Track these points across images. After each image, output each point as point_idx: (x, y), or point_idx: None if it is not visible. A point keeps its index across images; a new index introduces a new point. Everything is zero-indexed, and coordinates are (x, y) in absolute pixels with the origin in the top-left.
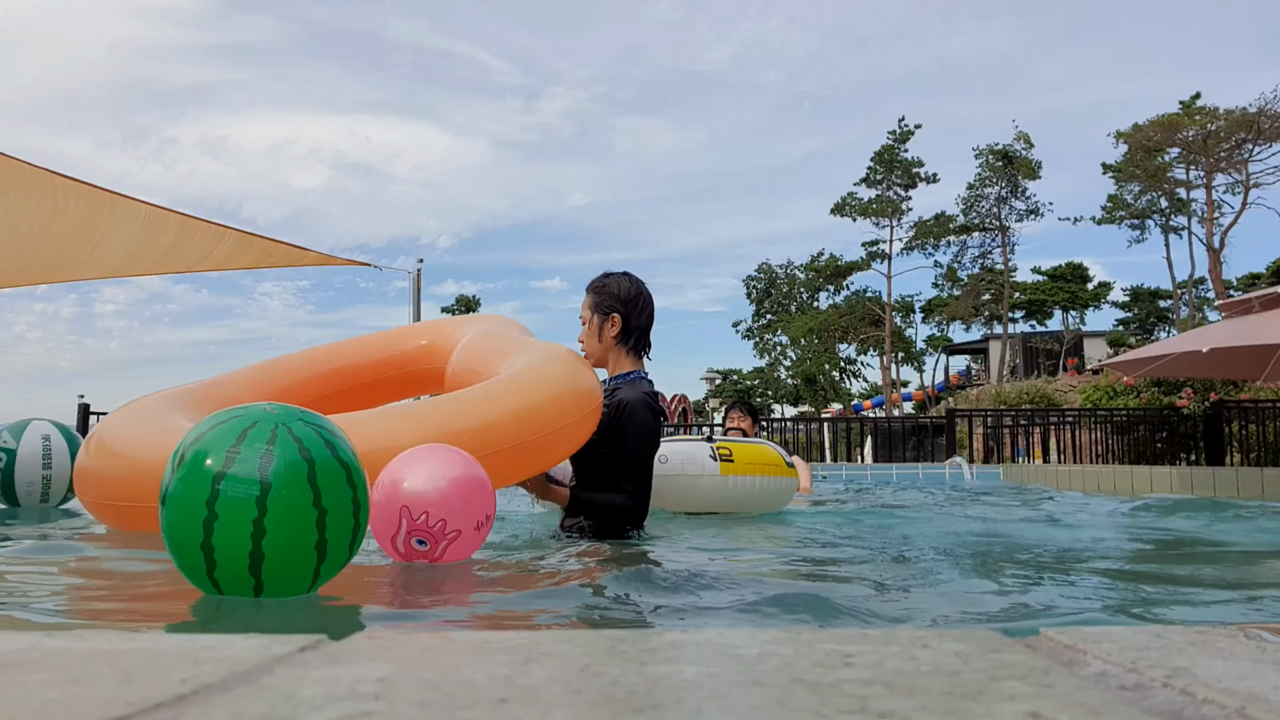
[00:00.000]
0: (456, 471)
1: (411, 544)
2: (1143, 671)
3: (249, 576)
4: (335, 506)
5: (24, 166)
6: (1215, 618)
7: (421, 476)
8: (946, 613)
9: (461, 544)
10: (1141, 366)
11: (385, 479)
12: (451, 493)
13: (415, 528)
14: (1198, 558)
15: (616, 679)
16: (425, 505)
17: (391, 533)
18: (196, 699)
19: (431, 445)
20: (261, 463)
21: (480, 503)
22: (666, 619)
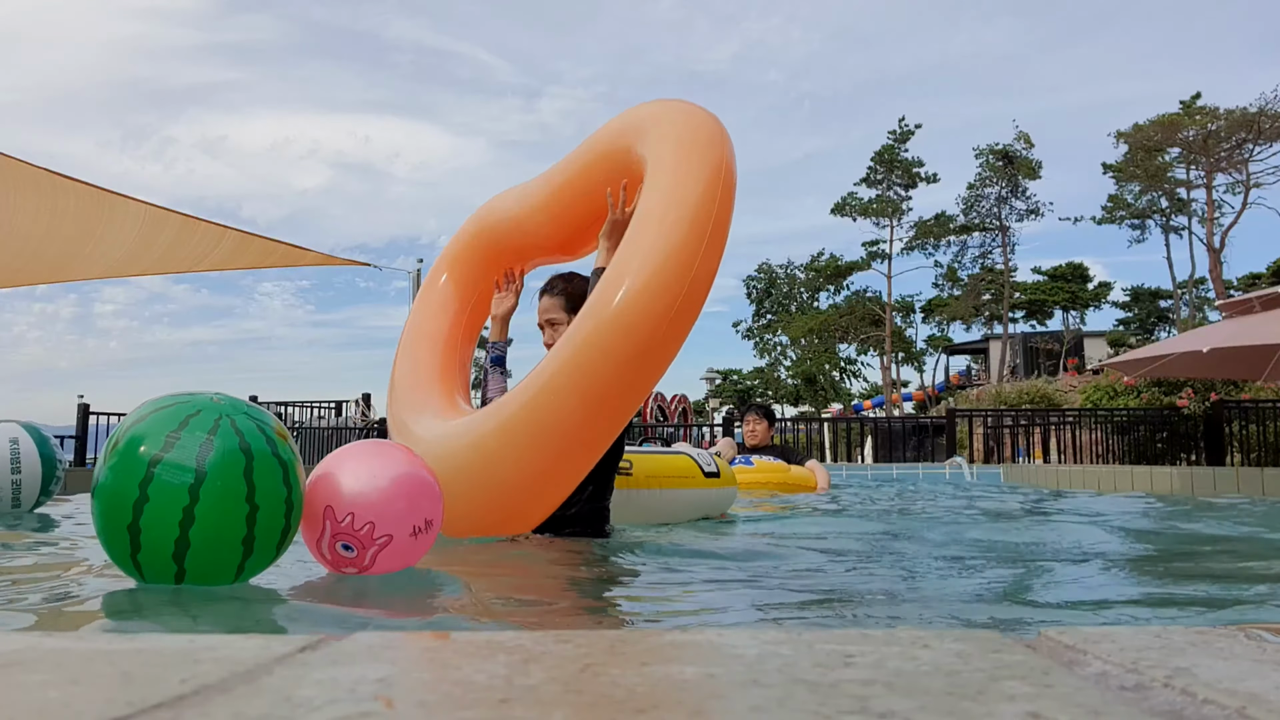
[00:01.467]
0: (392, 470)
1: (336, 549)
2: (1143, 672)
3: (172, 563)
4: (268, 503)
5: (24, 166)
6: (1215, 618)
7: (351, 473)
8: (947, 613)
9: (394, 552)
10: (1142, 366)
11: (313, 475)
12: (383, 493)
13: (340, 531)
14: (1198, 558)
15: (616, 679)
16: (351, 506)
17: (316, 535)
18: (196, 699)
19: (374, 441)
20: (200, 451)
21: (419, 506)
22: (666, 619)
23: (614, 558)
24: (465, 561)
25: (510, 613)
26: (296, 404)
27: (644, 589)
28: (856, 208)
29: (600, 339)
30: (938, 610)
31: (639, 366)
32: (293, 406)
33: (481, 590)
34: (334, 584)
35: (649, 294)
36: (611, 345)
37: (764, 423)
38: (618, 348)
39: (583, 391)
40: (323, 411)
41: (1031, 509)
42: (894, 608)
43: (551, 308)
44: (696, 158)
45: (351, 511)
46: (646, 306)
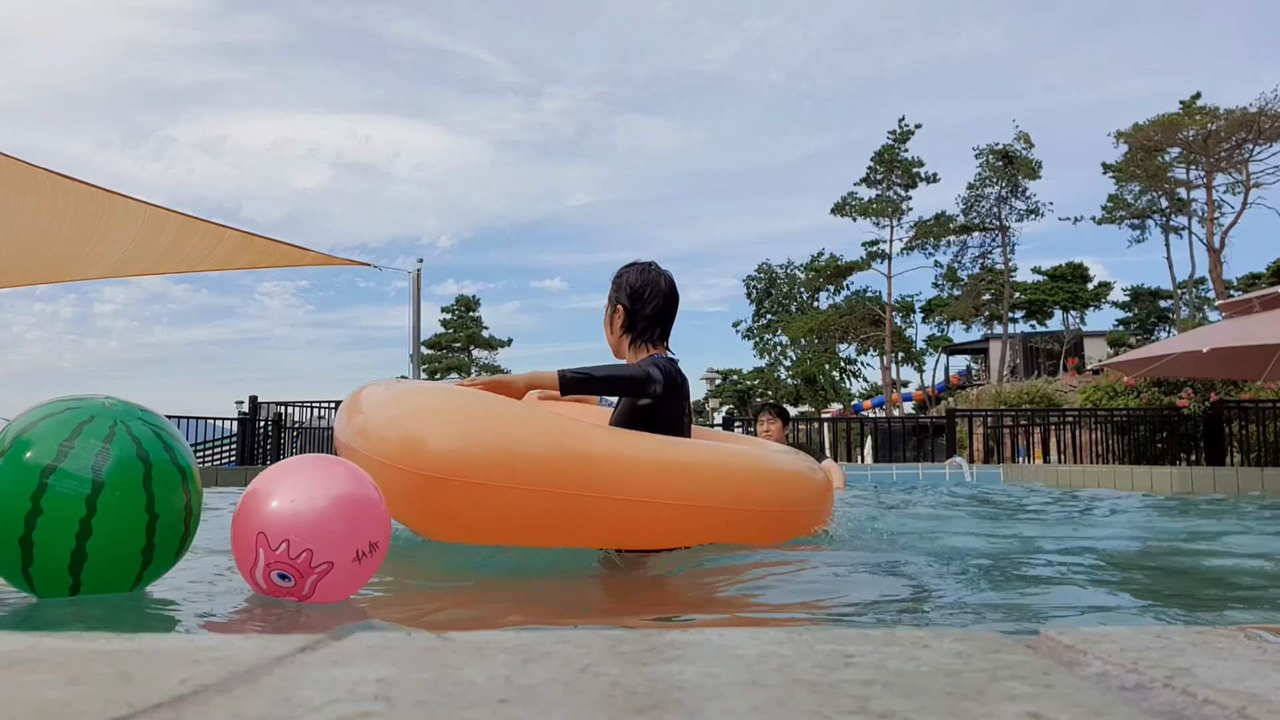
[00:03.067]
0: (331, 489)
1: (272, 578)
2: (1143, 672)
3: (67, 576)
4: (168, 512)
5: (24, 166)
6: (1215, 618)
7: (285, 495)
8: (947, 613)
9: (336, 580)
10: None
11: (245, 496)
12: (321, 515)
13: (275, 560)
14: (1197, 558)
15: (616, 679)
16: (286, 531)
17: (249, 564)
18: (196, 699)
19: (312, 456)
20: (96, 460)
21: (362, 528)
22: (666, 619)
23: (614, 558)
24: (465, 561)
25: (510, 613)
26: (296, 404)
27: (644, 589)
28: (856, 208)
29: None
30: (937, 610)
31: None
32: (293, 406)
33: (480, 590)
34: None
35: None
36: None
37: (778, 422)
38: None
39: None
40: (323, 411)
41: (1031, 509)
42: (894, 608)
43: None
44: None
45: (287, 538)
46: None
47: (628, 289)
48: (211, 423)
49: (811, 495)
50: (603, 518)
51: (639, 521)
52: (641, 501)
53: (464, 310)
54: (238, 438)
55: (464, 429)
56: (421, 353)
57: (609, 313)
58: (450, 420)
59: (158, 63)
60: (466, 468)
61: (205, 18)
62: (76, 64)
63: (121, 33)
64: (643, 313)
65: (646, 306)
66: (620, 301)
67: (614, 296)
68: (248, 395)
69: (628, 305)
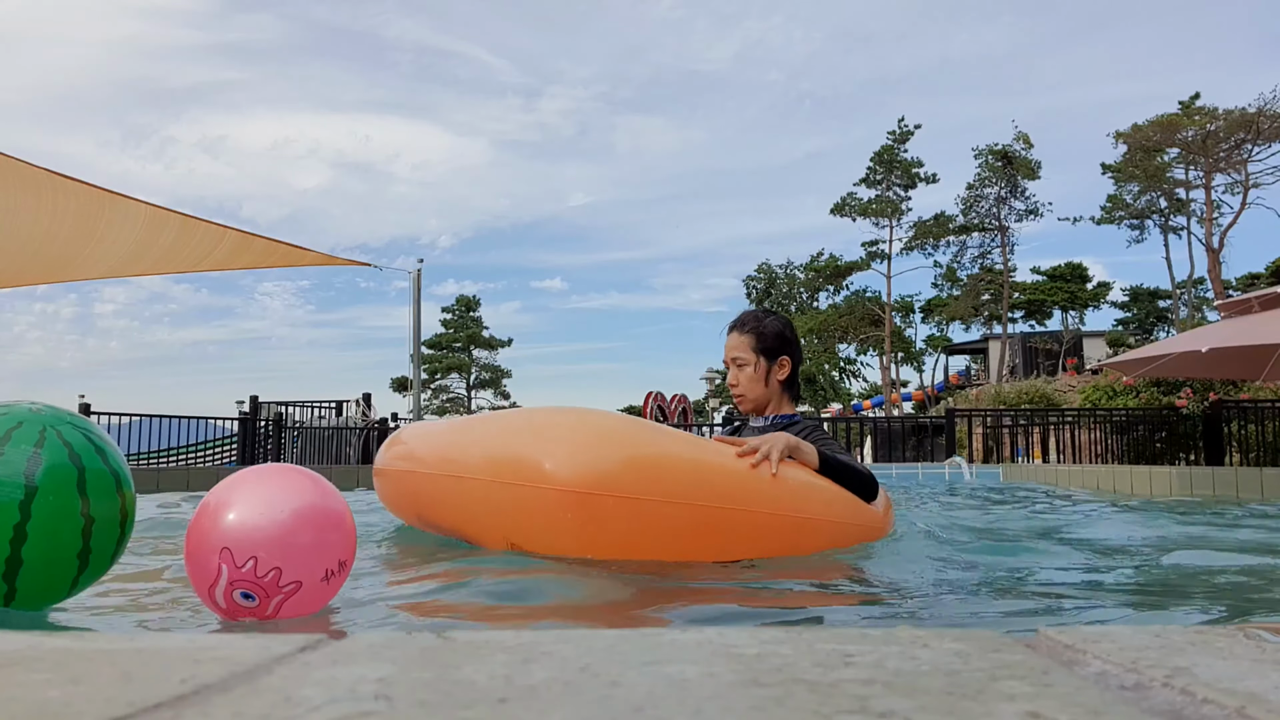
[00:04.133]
0: (301, 501)
1: (234, 598)
2: (1142, 671)
3: (2, 584)
4: (103, 516)
5: (24, 166)
6: (1215, 618)
7: (252, 508)
8: (946, 613)
9: (302, 600)
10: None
11: (204, 507)
12: (291, 531)
13: (240, 578)
14: (1197, 557)
15: (616, 679)
16: (254, 548)
17: (209, 582)
18: (196, 699)
19: (276, 467)
20: (28, 465)
21: (332, 545)
22: (666, 619)
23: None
24: (466, 561)
25: (510, 613)
26: (296, 404)
27: (643, 589)
28: (856, 208)
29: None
30: (937, 610)
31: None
32: (293, 406)
33: (480, 590)
34: None
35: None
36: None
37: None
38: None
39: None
40: (323, 411)
41: (1030, 508)
42: (893, 608)
43: (739, 346)
44: None
45: (254, 555)
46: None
47: (788, 340)
48: (211, 423)
49: (889, 505)
50: (741, 530)
51: (772, 533)
52: (776, 514)
53: (464, 310)
54: (238, 438)
55: (612, 445)
56: (422, 353)
57: (766, 365)
58: (597, 438)
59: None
60: (618, 483)
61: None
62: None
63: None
64: (799, 364)
65: (801, 358)
66: (785, 352)
67: (771, 348)
68: (248, 395)
69: (793, 355)
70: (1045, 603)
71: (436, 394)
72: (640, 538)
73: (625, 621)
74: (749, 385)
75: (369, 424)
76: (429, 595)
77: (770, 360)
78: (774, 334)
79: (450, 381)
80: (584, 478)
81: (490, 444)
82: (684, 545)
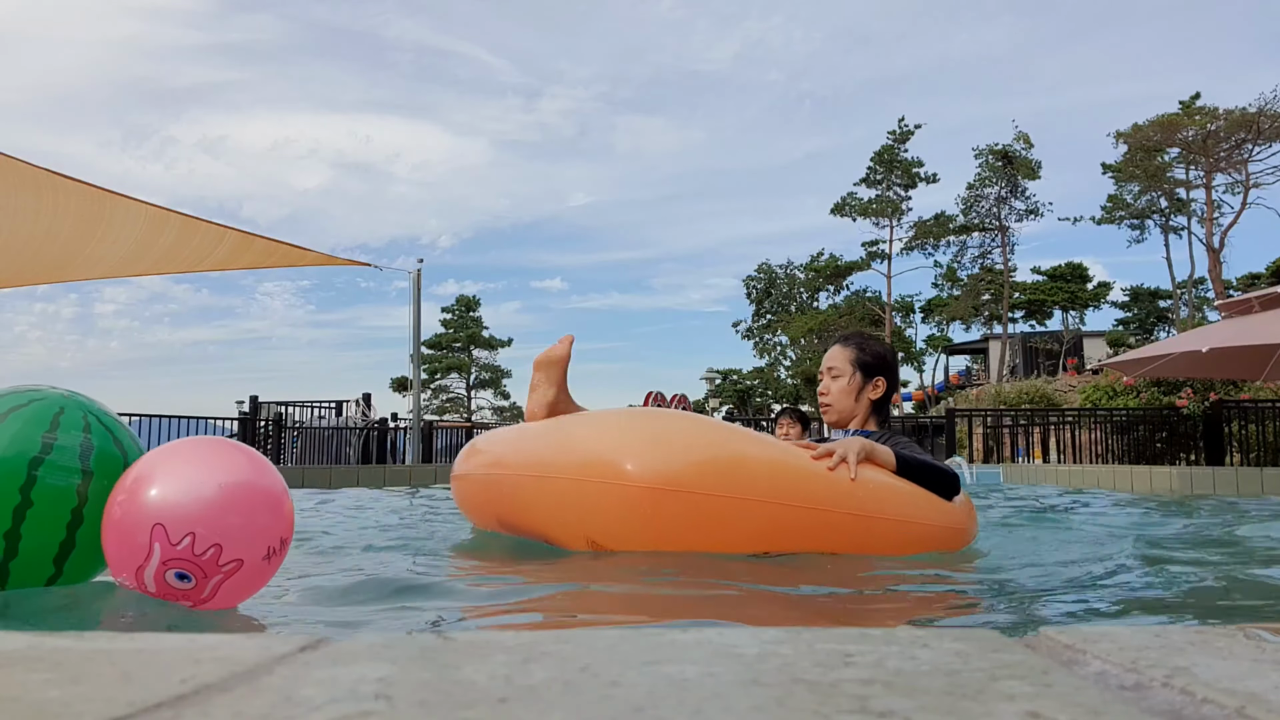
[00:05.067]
0: (240, 475)
1: (167, 579)
2: (1142, 671)
3: (51, 567)
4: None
5: (24, 166)
6: (1215, 618)
7: (187, 481)
8: (946, 613)
9: (241, 581)
10: (1141, 366)
11: (127, 482)
12: (231, 505)
13: (175, 556)
14: (1197, 557)
15: (616, 679)
16: (190, 523)
17: (137, 562)
18: (196, 699)
19: (207, 439)
20: (83, 450)
21: (272, 523)
22: (666, 619)
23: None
24: (466, 561)
25: (510, 613)
26: (296, 404)
27: (643, 589)
28: (856, 208)
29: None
30: (937, 610)
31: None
32: (293, 406)
33: (480, 590)
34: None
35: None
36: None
37: (798, 426)
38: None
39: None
40: (323, 411)
41: (1029, 508)
42: (894, 607)
43: (838, 357)
44: None
45: (192, 531)
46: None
47: (888, 362)
48: (211, 423)
49: (971, 509)
50: (821, 530)
51: (852, 534)
52: (856, 515)
53: (464, 310)
54: (238, 438)
55: (692, 444)
56: (422, 353)
57: (860, 380)
58: (677, 437)
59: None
60: (701, 480)
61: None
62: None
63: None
64: (892, 388)
65: (894, 385)
66: (882, 374)
67: (870, 365)
68: (248, 395)
69: (889, 379)
70: (1046, 603)
71: (436, 394)
72: (719, 535)
73: (625, 621)
74: (838, 396)
75: (369, 424)
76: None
77: (866, 377)
78: (875, 354)
79: (450, 381)
80: (665, 475)
81: (572, 445)
82: (764, 544)
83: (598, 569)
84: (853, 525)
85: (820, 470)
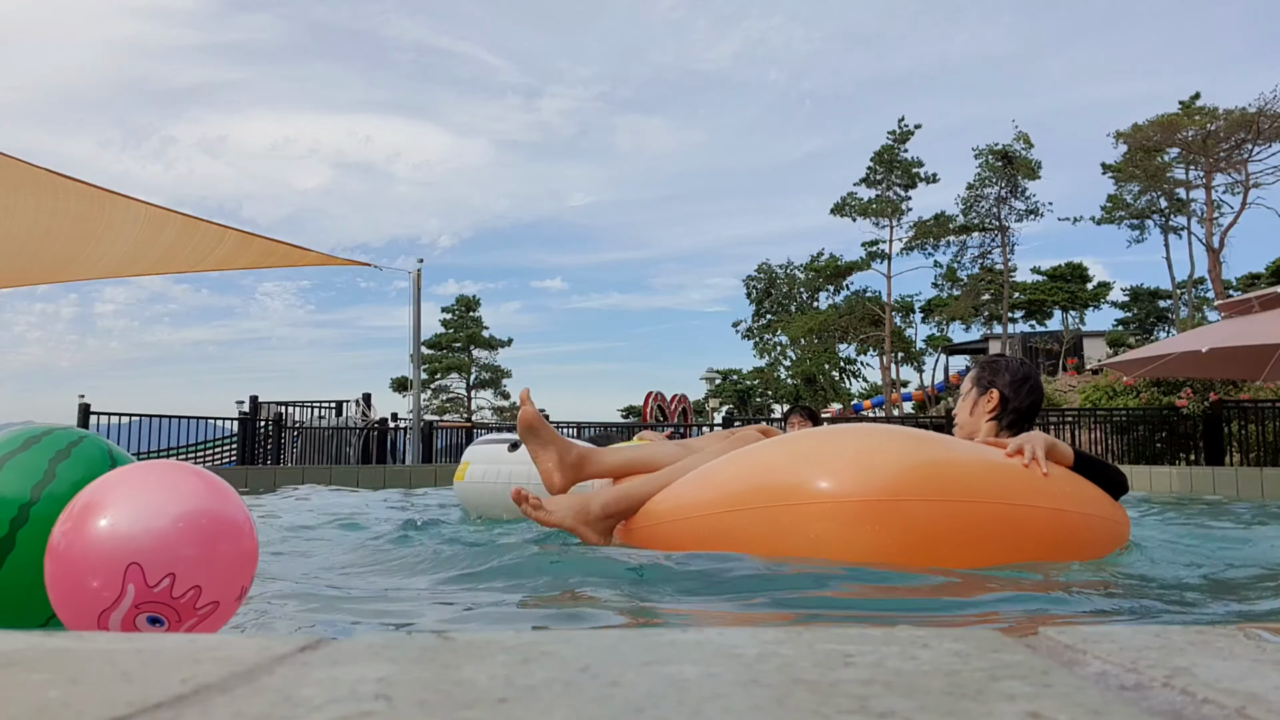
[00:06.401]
0: (210, 504)
1: (136, 625)
2: (1142, 671)
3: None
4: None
5: (24, 166)
6: (1215, 618)
7: (163, 514)
8: (946, 613)
9: (212, 624)
10: (1141, 366)
11: (88, 515)
12: (210, 542)
13: (151, 599)
14: (1197, 557)
15: (616, 679)
16: (171, 563)
17: (102, 606)
18: (196, 699)
19: (154, 463)
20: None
21: (246, 557)
22: (666, 619)
23: (617, 556)
24: (467, 561)
25: (510, 613)
26: (296, 404)
27: (644, 589)
28: (856, 208)
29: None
30: (937, 610)
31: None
32: (293, 406)
33: (481, 590)
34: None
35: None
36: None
37: (809, 423)
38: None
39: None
40: (323, 411)
41: None
42: (894, 607)
43: (966, 379)
44: None
45: (172, 571)
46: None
47: (1008, 375)
48: (211, 423)
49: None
50: (1031, 528)
51: (1058, 531)
52: (1059, 510)
53: (464, 310)
54: (238, 438)
55: (899, 452)
56: (422, 353)
57: (975, 395)
58: (879, 447)
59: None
60: (918, 487)
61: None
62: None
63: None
64: (1015, 403)
65: (1023, 400)
66: (994, 386)
67: (983, 379)
68: (248, 395)
69: (1005, 393)
70: (1046, 603)
71: (436, 394)
72: (944, 540)
73: (625, 622)
74: (959, 412)
75: (369, 424)
76: (429, 595)
77: (981, 392)
78: (992, 370)
79: (450, 381)
80: (885, 485)
81: (776, 471)
82: (987, 547)
83: (598, 568)
84: (1062, 522)
85: (1022, 468)
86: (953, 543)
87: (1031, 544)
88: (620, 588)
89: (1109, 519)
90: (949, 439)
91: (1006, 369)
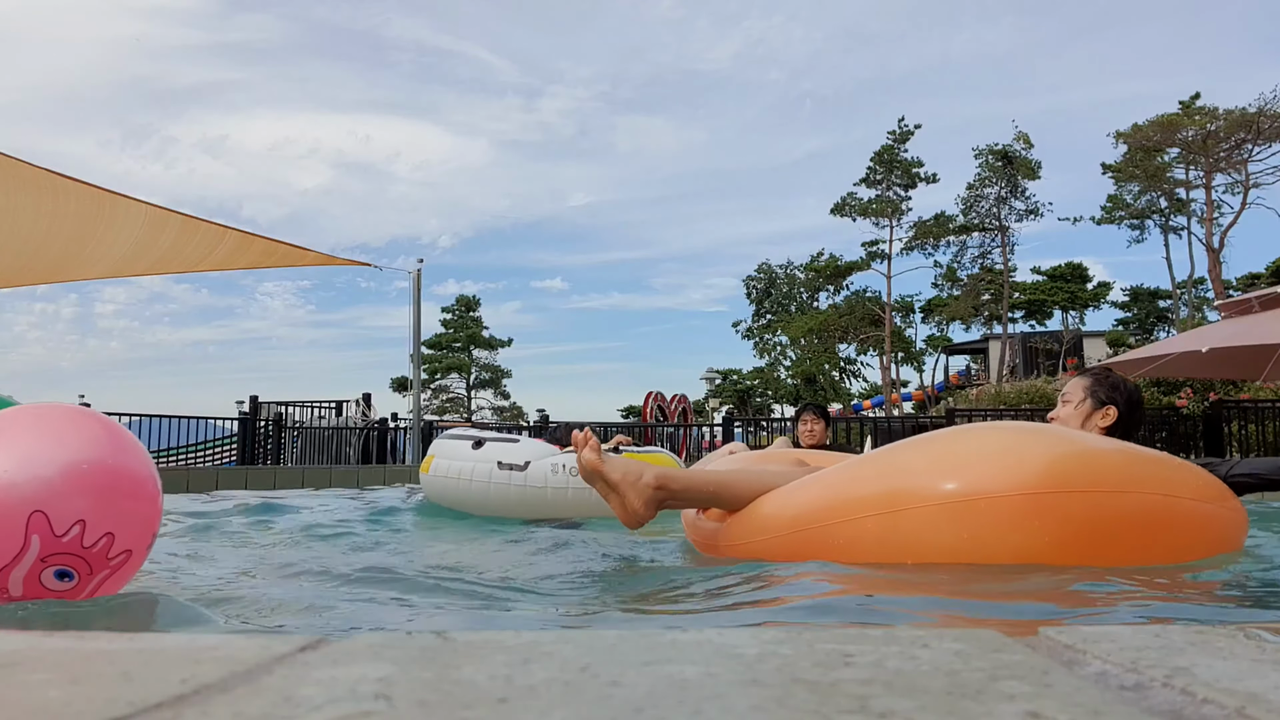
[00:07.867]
0: (117, 448)
1: (42, 580)
2: (1142, 671)
3: None
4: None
5: (24, 166)
6: (1215, 618)
7: (64, 456)
8: (946, 613)
9: (123, 576)
10: (1141, 366)
11: None
12: (119, 485)
13: (60, 550)
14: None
15: (616, 679)
16: (79, 509)
17: (1, 562)
18: (196, 699)
19: (49, 405)
20: None
21: (153, 505)
22: (666, 619)
23: (618, 556)
24: (468, 560)
25: (510, 613)
26: (296, 404)
27: (644, 589)
28: (856, 208)
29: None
30: (937, 610)
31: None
32: (293, 406)
33: (481, 590)
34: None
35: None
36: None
37: (821, 422)
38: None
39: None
40: (323, 411)
41: None
42: (894, 607)
43: (1075, 386)
44: None
45: (81, 519)
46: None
47: (1125, 394)
48: (211, 423)
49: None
50: (1183, 522)
51: (1205, 524)
52: (1201, 502)
53: (464, 310)
54: (238, 438)
55: (1041, 444)
56: (422, 353)
57: (1090, 408)
58: (1021, 441)
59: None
60: (1074, 478)
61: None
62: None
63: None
64: (1127, 422)
65: (1134, 420)
66: (1114, 403)
67: (1100, 393)
68: (248, 395)
69: (1123, 410)
70: (1046, 603)
71: (436, 394)
72: (1104, 535)
73: (625, 622)
74: (1065, 420)
75: (369, 424)
76: (429, 595)
77: (1097, 405)
78: (1110, 384)
79: (450, 381)
80: (1043, 479)
81: (911, 474)
82: (1148, 540)
83: (597, 568)
84: (1208, 516)
85: (1160, 455)
86: (1113, 536)
87: (1180, 537)
88: (621, 587)
89: (1238, 510)
90: (1076, 431)
91: (1124, 388)
